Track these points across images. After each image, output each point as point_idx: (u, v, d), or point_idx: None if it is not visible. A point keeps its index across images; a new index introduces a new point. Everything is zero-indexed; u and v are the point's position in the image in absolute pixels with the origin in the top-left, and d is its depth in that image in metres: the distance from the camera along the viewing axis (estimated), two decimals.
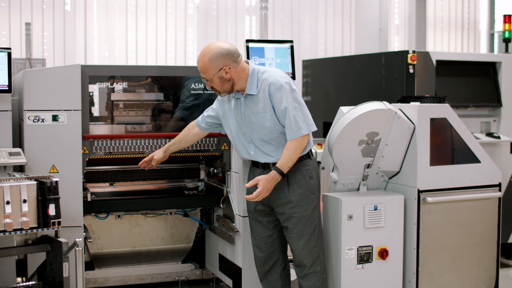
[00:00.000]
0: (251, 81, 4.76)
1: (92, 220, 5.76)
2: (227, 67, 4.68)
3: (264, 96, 4.72)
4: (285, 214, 4.85)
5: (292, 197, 4.81)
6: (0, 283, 4.80)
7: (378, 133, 5.03)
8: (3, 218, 4.22)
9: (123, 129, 5.57)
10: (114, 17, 12.03)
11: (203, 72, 4.74)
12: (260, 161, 4.87)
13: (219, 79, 4.70)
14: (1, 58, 4.90)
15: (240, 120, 4.86)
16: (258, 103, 4.74)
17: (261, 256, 5.11)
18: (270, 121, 4.73)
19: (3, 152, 4.86)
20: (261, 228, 5.05)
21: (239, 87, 4.77)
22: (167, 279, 6.14)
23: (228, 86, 4.74)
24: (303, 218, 4.84)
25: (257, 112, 4.75)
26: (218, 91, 4.78)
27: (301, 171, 4.83)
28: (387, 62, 7.13)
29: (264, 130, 4.76)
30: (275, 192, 4.80)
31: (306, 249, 4.87)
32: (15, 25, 11.44)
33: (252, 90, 4.75)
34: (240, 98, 4.83)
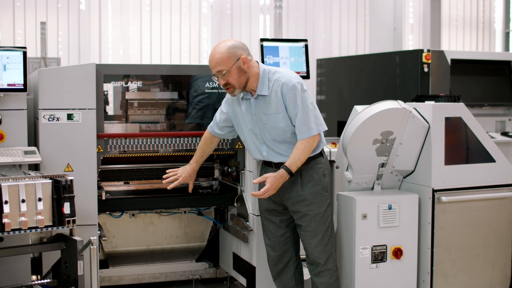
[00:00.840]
0: (262, 81, 4.75)
1: (107, 218, 5.78)
2: (245, 57, 4.69)
3: (276, 97, 4.71)
4: (299, 212, 4.85)
5: (306, 195, 4.81)
6: (15, 281, 4.82)
7: (393, 132, 5.01)
8: (19, 216, 4.23)
9: (137, 128, 5.59)
10: (128, 16, 12.07)
11: (220, 63, 4.67)
12: (274, 161, 4.86)
13: (237, 69, 4.67)
14: (17, 57, 4.92)
15: (251, 122, 4.86)
16: (270, 104, 4.74)
17: (274, 255, 5.11)
18: (283, 121, 4.73)
19: (19, 150, 4.89)
20: (273, 228, 5.05)
21: (251, 85, 4.76)
22: (181, 278, 6.14)
23: (244, 79, 4.70)
24: (317, 215, 4.83)
25: (269, 113, 4.75)
26: (234, 86, 4.72)
27: (314, 169, 4.83)
28: (401, 61, 7.13)
29: (277, 130, 4.76)
30: (289, 190, 4.81)
31: (320, 247, 4.87)
32: (30, 25, 11.50)
33: (263, 90, 4.74)
34: (250, 99, 4.82)
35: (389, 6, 12.90)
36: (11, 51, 4.93)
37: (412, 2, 14.18)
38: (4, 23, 11.00)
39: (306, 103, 4.69)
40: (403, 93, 6.87)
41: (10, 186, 4.21)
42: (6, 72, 4.88)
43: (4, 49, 4.94)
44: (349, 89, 7.99)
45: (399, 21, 13.17)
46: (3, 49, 4.93)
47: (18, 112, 4.99)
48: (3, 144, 4.94)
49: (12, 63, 4.90)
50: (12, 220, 4.20)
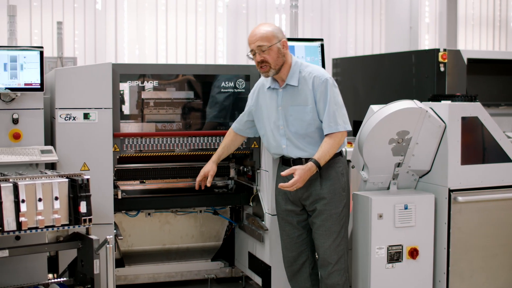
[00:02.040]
0: (293, 72, 4.77)
1: (123, 217, 5.79)
2: (285, 41, 4.75)
3: (306, 89, 4.72)
4: (316, 210, 4.84)
5: (325, 194, 4.80)
6: (32, 279, 4.85)
7: (409, 132, 5.00)
8: (35, 215, 4.26)
9: (153, 127, 5.60)
10: (144, 15, 12.10)
11: (263, 39, 4.70)
12: (292, 156, 4.84)
13: (277, 50, 4.70)
14: (34, 56, 4.94)
15: (275, 112, 4.85)
16: (298, 96, 4.74)
17: (290, 256, 5.09)
18: (309, 114, 4.73)
19: (35, 149, 4.91)
20: (290, 228, 5.03)
21: (283, 72, 4.76)
22: (196, 277, 6.15)
23: (281, 61, 4.72)
24: (333, 215, 4.82)
25: (296, 104, 4.75)
26: (270, 65, 4.71)
27: (333, 168, 4.82)
28: (417, 61, 7.10)
29: (302, 123, 4.75)
30: (307, 188, 4.79)
31: (333, 247, 4.85)
32: (47, 24, 11.55)
33: (293, 81, 4.75)
34: (277, 89, 4.83)
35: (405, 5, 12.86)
36: (28, 51, 4.95)
37: (428, 1, 14.14)
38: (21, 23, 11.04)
39: (336, 99, 4.72)
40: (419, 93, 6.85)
41: (27, 185, 4.23)
42: (23, 71, 4.90)
43: (21, 48, 4.96)
44: (365, 88, 7.97)
45: (415, 20, 13.12)
46: (20, 49, 4.95)
47: (35, 111, 5.01)
48: (20, 143, 4.96)
49: (29, 63, 4.92)
50: (29, 219, 4.23)
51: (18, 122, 4.96)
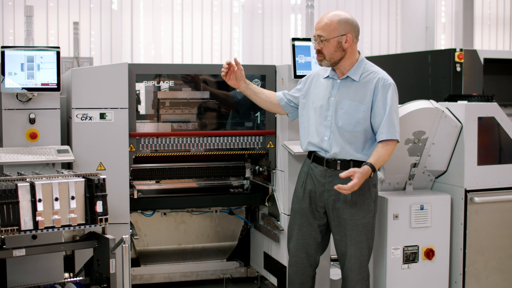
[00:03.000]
0: (358, 67, 4.66)
1: (138, 217, 5.81)
2: (350, 36, 4.61)
3: (367, 87, 4.60)
4: (341, 218, 4.68)
5: (355, 203, 4.63)
6: (48, 278, 4.87)
7: (425, 132, 4.99)
8: (52, 214, 4.27)
9: (169, 127, 5.61)
10: (160, 16, 12.13)
11: (325, 29, 4.58)
12: (330, 151, 4.65)
13: (337, 43, 4.59)
14: (50, 57, 4.97)
15: (326, 102, 4.69)
16: (356, 91, 4.62)
17: (298, 260, 4.90)
18: (362, 113, 4.58)
19: (52, 149, 4.93)
20: (309, 231, 4.83)
21: (343, 66, 4.66)
22: (211, 277, 6.16)
23: (338, 55, 4.61)
24: (360, 225, 4.66)
25: (351, 99, 4.62)
26: (324, 56, 4.63)
27: (368, 179, 4.61)
28: (433, 61, 7.08)
29: (351, 119, 4.60)
30: (336, 194, 4.64)
31: (357, 256, 4.70)
32: (64, 25, 11.61)
33: (355, 75, 4.63)
34: (336, 79, 4.72)
35: (421, 5, 12.83)
36: (45, 51, 4.98)
37: (444, 1, 14.09)
38: (38, 23, 11.11)
39: (395, 106, 4.59)
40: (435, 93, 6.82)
41: (44, 184, 4.25)
42: (40, 71, 4.93)
43: (38, 49, 4.98)
44: None
45: (431, 20, 13.09)
46: (37, 49, 4.98)
47: (51, 111, 5.03)
48: (37, 143, 4.99)
49: (45, 63, 4.95)
50: (46, 218, 4.25)
51: (35, 122, 4.98)
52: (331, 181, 4.65)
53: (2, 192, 4.09)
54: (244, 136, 5.56)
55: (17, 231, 4.15)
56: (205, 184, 5.88)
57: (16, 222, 4.14)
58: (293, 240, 4.92)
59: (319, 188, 4.72)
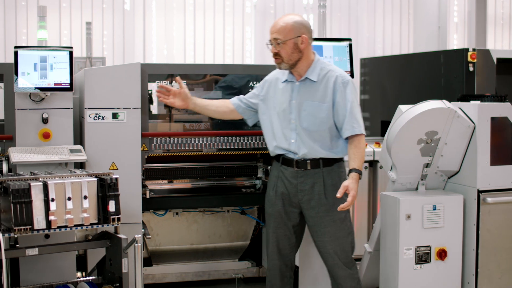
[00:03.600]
0: (314, 67, 4.74)
1: (151, 216, 5.82)
2: (305, 37, 4.67)
3: (326, 86, 4.68)
4: (318, 216, 4.77)
5: (328, 199, 4.73)
6: (61, 277, 4.89)
7: (438, 132, 4.97)
8: (65, 214, 4.29)
9: (181, 127, 5.62)
10: (172, 16, 12.15)
11: (280, 32, 4.64)
12: (299, 152, 4.73)
13: (293, 45, 4.65)
14: (63, 57, 4.99)
15: (287, 105, 4.77)
16: (316, 91, 4.71)
17: (277, 263, 4.98)
18: (325, 112, 4.68)
19: (65, 149, 4.95)
20: (284, 232, 4.93)
21: (300, 68, 4.72)
22: (224, 277, 6.16)
23: (295, 57, 4.67)
24: (337, 221, 4.76)
25: (312, 100, 4.71)
26: (282, 59, 4.68)
27: (337, 173, 4.79)
28: (446, 61, 7.05)
29: (314, 119, 4.70)
30: (311, 192, 4.74)
31: (340, 252, 4.80)
32: (76, 25, 11.64)
33: (313, 76, 4.71)
34: (294, 82, 4.78)
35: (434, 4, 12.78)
36: (58, 51, 5.00)
37: (457, 1, 14.04)
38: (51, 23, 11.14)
39: (355, 101, 4.69)
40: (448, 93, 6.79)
41: (57, 184, 4.27)
42: (52, 71, 4.95)
43: (51, 49, 5.00)
44: (393, 88, 7.93)
45: (444, 20, 13.03)
46: (50, 49, 5.00)
47: (64, 111, 5.06)
48: (50, 143, 5.01)
49: (58, 63, 4.97)
50: (59, 218, 4.26)
51: (48, 122, 5.00)
52: (303, 181, 4.75)
53: (16, 191, 4.11)
54: (256, 136, 5.56)
55: (30, 231, 4.17)
56: (217, 184, 5.88)
57: (29, 221, 4.16)
58: (270, 244, 5.01)
59: (292, 189, 4.81)
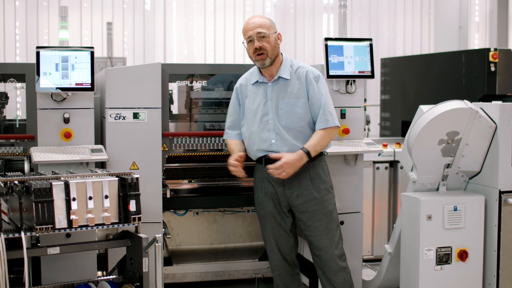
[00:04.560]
0: (285, 65, 4.81)
1: (171, 216, 5.83)
2: (280, 34, 4.84)
3: (299, 82, 4.76)
4: (309, 211, 4.82)
5: (317, 193, 4.80)
6: (82, 276, 4.91)
7: (459, 133, 4.95)
8: (86, 213, 4.31)
9: (201, 127, 5.62)
10: (192, 16, 12.18)
11: (263, 26, 4.73)
12: (281, 151, 4.75)
13: (274, 40, 4.76)
14: (85, 57, 5.01)
15: (263, 107, 4.81)
16: (290, 89, 4.77)
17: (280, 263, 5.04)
18: (301, 108, 4.74)
19: (86, 148, 4.97)
20: (280, 233, 4.98)
21: (274, 67, 4.79)
22: (243, 276, 6.16)
23: (276, 52, 4.77)
24: (327, 213, 4.84)
25: (288, 98, 4.76)
26: (267, 53, 4.72)
27: (320, 166, 4.85)
28: (467, 60, 7.02)
29: (293, 116, 4.75)
30: (298, 188, 4.79)
31: (333, 245, 4.87)
32: (97, 25, 11.71)
33: (285, 73, 4.77)
34: (266, 83, 4.82)
35: (455, 4, 12.73)
36: (79, 51, 5.02)
37: (478, 0, 13.95)
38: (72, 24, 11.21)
39: (328, 94, 4.78)
40: (469, 93, 6.76)
41: (78, 183, 4.29)
42: (74, 71, 4.97)
43: (72, 49, 5.03)
44: (414, 88, 7.91)
45: (465, 20, 12.97)
46: (72, 49, 5.03)
47: (85, 111, 5.08)
48: (71, 142, 5.03)
49: (80, 63, 4.99)
50: (80, 217, 4.28)
51: (69, 122, 5.02)
52: (289, 178, 4.75)
53: (37, 191, 4.13)
54: None
55: (52, 230, 4.19)
56: (238, 184, 5.88)
57: (51, 220, 4.18)
58: (268, 245, 5.06)
59: (279, 188, 4.85)
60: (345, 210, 5.50)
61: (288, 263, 5.04)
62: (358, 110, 5.55)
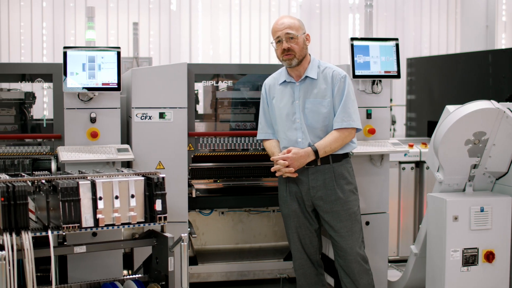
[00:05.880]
0: (312, 66, 4.83)
1: (196, 216, 5.85)
2: (308, 35, 4.86)
3: (325, 82, 4.77)
4: (333, 211, 4.81)
5: (341, 194, 4.79)
6: (108, 275, 4.93)
7: (486, 133, 4.91)
8: (112, 212, 4.33)
9: (227, 126, 5.63)
10: (218, 16, 12.20)
11: (292, 27, 4.75)
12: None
13: (302, 41, 4.79)
14: (111, 57, 5.04)
15: (290, 106, 4.83)
16: (316, 89, 4.78)
17: (303, 261, 5.04)
18: (326, 107, 4.76)
19: (112, 148, 5.00)
20: (305, 232, 4.98)
21: (302, 67, 4.81)
22: (268, 276, 6.16)
23: (304, 53, 4.79)
24: (352, 215, 4.83)
25: (314, 97, 4.78)
26: (295, 54, 4.74)
27: (345, 168, 4.84)
28: (494, 60, 6.97)
29: (318, 116, 4.77)
30: (322, 188, 4.78)
31: (357, 246, 4.86)
32: (123, 25, 11.76)
33: (313, 73, 4.79)
34: (294, 83, 4.84)
35: (481, 3, 12.63)
36: (106, 51, 5.05)
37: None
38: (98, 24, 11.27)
39: (351, 95, 4.79)
40: (496, 93, 6.72)
41: (104, 182, 4.31)
42: (100, 71, 5.01)
43: (99, 49, 5.06)
44: (440, 88, 7.87)
45: (492, 19, 12.86)
46: (98, 49, 5.06)
47: (111, 110, 5.11)
48: (97, 142, 5.06)
49: (106, 63, 5.02)
50: (106, 216, 4.30)
51: (96, 121, 5.06)
52: (314, 178, 4.80)
53: (64, 190, 4.16)
54: None
55: (78, 228, 4.22)
56: (263, 184, 5.88)
57: (78, 219, 4.20)
58: (293, 244, 5.05)
59: (304, 187, 4.84)
60: (370, 210, 5.49)
61: (312, 262, 5.04)
62: (384, 110, 5.54)
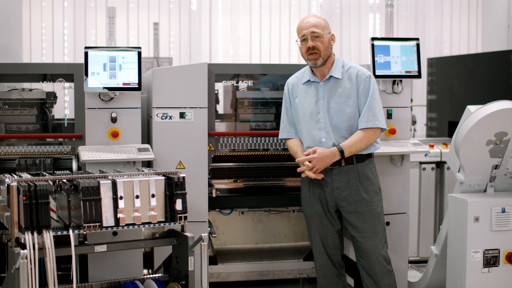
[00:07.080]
0: (336, 65, 4.82)
1: (216, 215, 5.86)
2: (333, 35, 4.85)
3: (350, 82, 4.76)
4: (357, 212, 4.80)
5: (365, 194, 4.78)
6: (128, 274, 4.96)
7: (507, 133, 4.88)
8: (133, 211, 4.35)
9: (247, 126, 5.64)
10: (238, 16, 12.19)
11: (318, 26, 4.75)
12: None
13: (327, 40, 4.78)
14: (132, 57, 5.06)
15: (314, 106, 4.82)
16: (341, 88, 4.77)
17: (325, 262, 5.02)
18: (351, 107, 4.75)
19: (133, 148, 5.02)
20: (326, 233, 4.96)
21: (326, 66, 4.80)
22: (288, 276, 6.16)
23: (329, 53, 4.79)
24: (376, 215, 4.82)
25: (338, 97, 4.77)
26: (320, 53, 4.74)
27: (369, 168, 4.83)
28: None
29: (342, 116, 4.75)
30: (346, 188, 4.77)
31: (380, 247, 4.84)
32: (144, 25, 11.79)
33: (337, 73, 4.78)
34: (318, 82, 4.83)
35: (503, 3, 12.53)
36: (126, 51, 5.08)
37: None
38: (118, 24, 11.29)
39: (376, 95, 4.78)
40: None
41: (125, 182, 4.33)
42: (121, 71, 5.03)
43: (120, 49, 5.09)
44: (461, 88, 7.83)
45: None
46: (119, 49, 5.08)
47: (132, 110, 5.13)
48: (118, 141, 5.09)
49: (127, 63, 5.05)
50: (127, 215, 4.32)
51: (117, 121, 5.08)
52: (338, 178, 4.79)
53: (85, 189, 4.18)
54: None
55: (99, 228, 4.24)
56: (283, 184, 5.88)
57: (98, 218, 4.23)
58: (314, 245, 5.04)
59: (327, 187, 4.83)
60: (391, 211, 5.48)
61: (334, 263, 5.02)
62: (404, 110, 5.52)
